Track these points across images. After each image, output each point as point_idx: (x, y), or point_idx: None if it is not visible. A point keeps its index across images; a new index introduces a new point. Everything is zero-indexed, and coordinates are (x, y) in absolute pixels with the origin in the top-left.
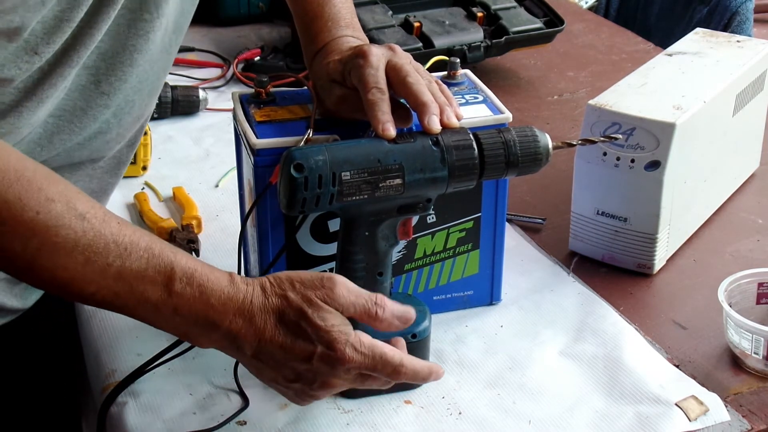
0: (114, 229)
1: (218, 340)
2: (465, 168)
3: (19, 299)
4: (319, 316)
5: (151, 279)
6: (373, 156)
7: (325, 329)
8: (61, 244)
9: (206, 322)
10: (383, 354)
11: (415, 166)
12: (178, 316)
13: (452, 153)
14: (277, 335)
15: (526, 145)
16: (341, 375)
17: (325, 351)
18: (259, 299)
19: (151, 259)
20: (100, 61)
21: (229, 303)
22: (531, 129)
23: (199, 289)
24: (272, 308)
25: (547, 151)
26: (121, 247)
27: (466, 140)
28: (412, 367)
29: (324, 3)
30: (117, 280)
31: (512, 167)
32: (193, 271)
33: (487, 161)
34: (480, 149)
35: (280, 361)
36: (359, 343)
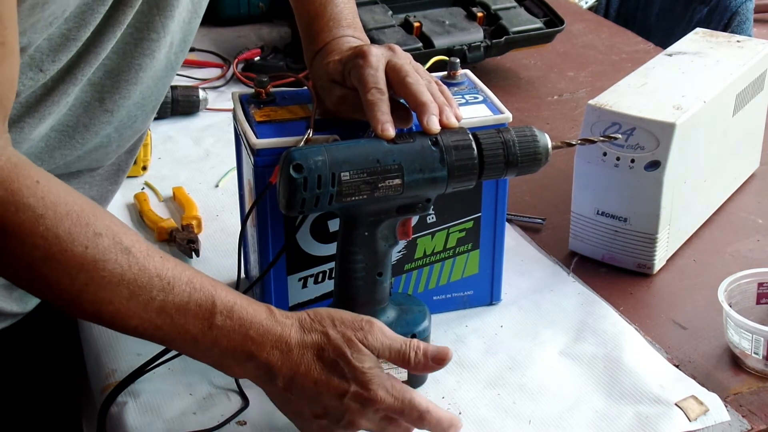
0: (158, 263)
1: (252, 371)
2: (464, 168)
3: (19, 303)
4: (357, 357)
5: (193, 313)
6: (373, 156)
7: (362, 370)
8: (107, 278)
9: (243, 354)
10: (412, 399)
11: (414, 166)
12: (217, 348)
13: (451, 153)
14: (313, 370)
15: (526, 145)
16: (369, 416)
17: (359, 390)
18: (298, 334)
19: (192, 293)
20: (106, 78)
21: (267, 335)
22: (530, 129)
23: (239, 322)
24: (311, 344)
25: (546, 151)
26: (164, 281)
27: (466, 140)
28: (437, 415)
29: (326, 2)
30: (159, 313)
31: (512, 167)
32: (233, 305)
33: (486, 161)
34: (479, 149)
35: (312, 396)
36: (391, 387)
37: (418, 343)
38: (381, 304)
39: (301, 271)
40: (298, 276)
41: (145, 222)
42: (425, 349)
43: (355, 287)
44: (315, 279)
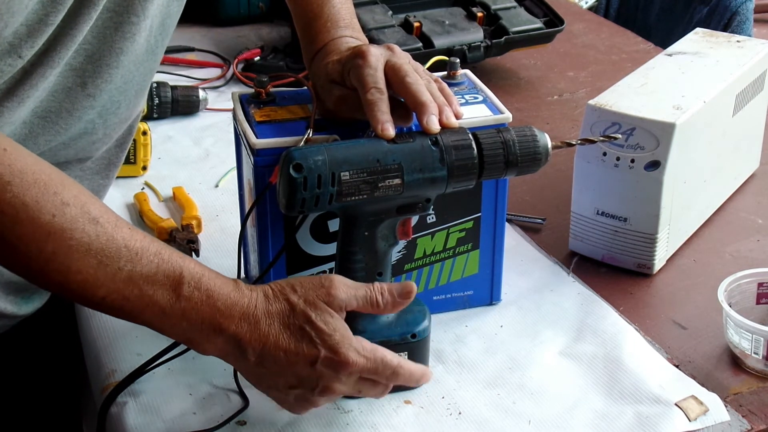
0: (126, 234)
1: (222, 346)
2: (464, 168)
3: (14, 305)
4: (322, 319)
5: (161, 283)
6: (372, 156)
7: (329, 333)
8: (75, 247)
9: (212, 327)
10: (384, 357)
11: (414, 166)
12: (185, 321)
13: (451, 153)
14: (281, 340)
15: (526, 144)
16: (343, 380)
17: (329, 355)
18: (263, 304)
19: (161, 264)
20: (87, 63)
21: (234, 307)
22: (530, 129)
23: (206, 293)
24: (276, 313)
25: (546, 151)
26: (132, 251)
27: (465, 140)
28: (408, 368)
29: (323, 3)
30: (127, 284)
31: (511, 167)
32: (200, 276)
33: (486, 161)
34: (479, 149)
35: (283, 366)
36: (362, 348)
37: (381, 285)
38: None
39: (301, 271)
40: (298, 276)
41: (145, 222)
42: (390, 289)
43: None
44: None
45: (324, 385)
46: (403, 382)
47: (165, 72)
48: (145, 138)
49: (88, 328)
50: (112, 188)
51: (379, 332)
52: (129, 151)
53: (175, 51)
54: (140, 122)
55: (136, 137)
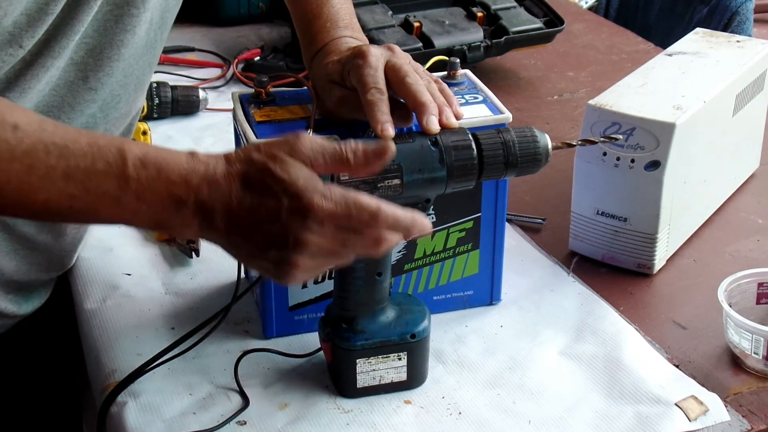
0: (50, 133)
1: (190, 219)
2: (464, 168)
3: (15, 304)
4: (283, 169)
5: (103, 171)
6: None
7: (290, 181)
8: None
9: (172, 201)
10: (357, 200)
11: (413, 166)
12: (143, 204)
13: (451, 153)
14: (244, 199)
15: (526, 145)
16: (314, 228)
17: (292, 203)
18: (223, 167)
19: (97, 152)
20: (88, 57)
21: (191, 175)
22: (530, 129)
23: (156, 168)
24: (237, 173)
25: (546, 152)
26: (61, 146)
27: (465, 140)
28: (393, 212)
29: (323, 3)
30: (66, 180)
31: (511, 167)
32: (145, 153)
33: (486, 161)
34: (479, 149)
35: (251, 227)
36: (329, 192)
37: (355, 143)
38: (380, 304)
39: None
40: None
41: None
42: (363, 148)
43: (354, 287)
44: (315, 279)
45: (294, 237)
46: (389, 228)
47: (165, 72)
48: (145, 138)
49: (88, 328)
50: None
51: (378, 332)
52: None
53: (175, 51)
54: (140, 122)
55: (135, 137)
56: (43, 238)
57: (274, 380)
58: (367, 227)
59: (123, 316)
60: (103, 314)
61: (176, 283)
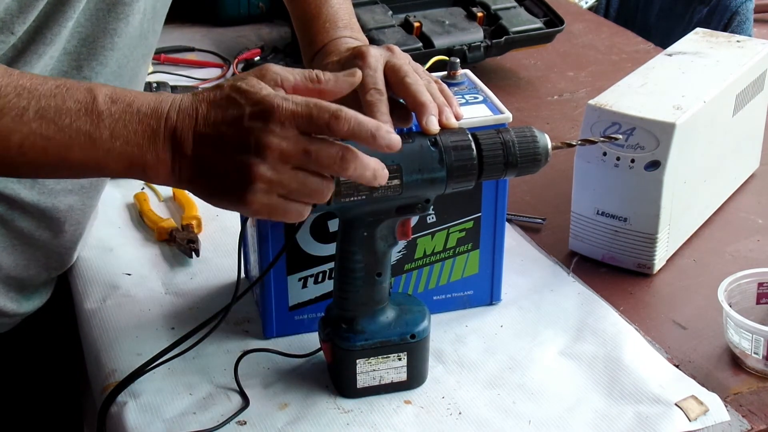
0: (17, 77)
1: (163, 153)
2: (463, 168)
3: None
4: (249, 84)
5: (74, 110)
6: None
7: (255, 91)
8: None
9: (145, 134)
10: (318, 102)
11: (413, 166)
12: (118, 140)
13: (450, 153)
14: (210, 115)
15: (525, 145)
16: (276, 131)
17: (255, 108)
18: (190, 96)
19: (66, 91)
20: (81, 46)
21: (160, 107)
22: (530, 129)
23: (126, 103)
24: (204, 97)
25: (546, 152)
26: (30, 88)
27: (465, 141)
28: (354, 114)
29: (322, 3)
30: (40, 121)
31: (511, 168)
32: (113, 90)
33: (485, 161)
34: (479, 149)
35: (216, 140)
36: (291, 96)
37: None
38: (380, 304)
39: (301, 271)
40: (298, 276)
41: (145, 222)
42: (332, 73)
43: (354, 287)
44: (315, 279)
45: (256, 141)
46: (352, 129)
47: (165, 72)
48: None
49: (89, 327)
50: (113, 188)
51: (378, 333)
52: None
53: (175, 51)
54: None
55: None
56: (41, 234)
57: (274, 380)
58: (329, 129)
59: (123, 316)
60: (103, 314)
61: (176, 283)
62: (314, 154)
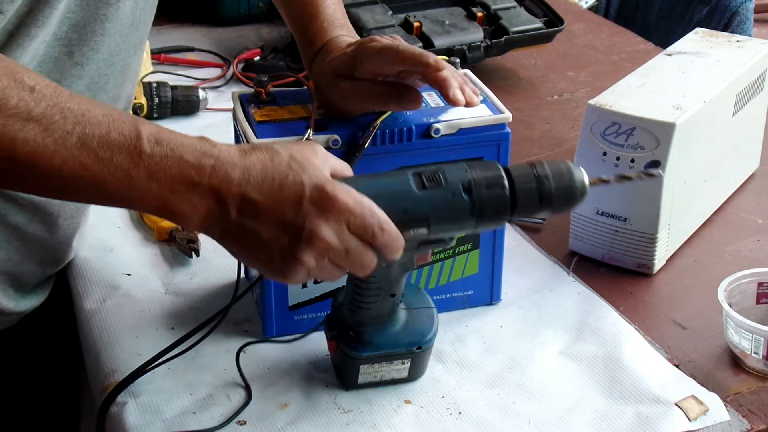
0: (67, 98)
1: (200, 205)
2: (495, 209)
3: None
4: (306, 156)
5: (117, 143)
6: (400, 205)
7: (317, 166)
8: (15, 115)
9: (183, 182)
10: (371, 206)
11: (442, 217)
12: (154, 181)
13: (483, 202)
14: (266, 180)
15: (560, 180)
16: (331, 223)
17: (316, 191)
18: (238, 150)
19: (112, 123)
20: (72, 32)
21: (205, 156)
22: (565, 163)
23: (169, 147)
24: (257, 156)
25: (583, 187)
26: (78, 113)
27: (502, 196)
28: (391, 231)
29: (318, 5)
30: (81, 148)
31: (546, 204)
32: (159, 131)
33: (519, 198)
34: (513, 194)
35: (266, 210)
36: (348, 189)
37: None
38: (390, 316)
39: None
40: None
41: (145, 222)
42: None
43: (366, 304)
44: (315, 279)
45: (310, 228)
46: (385, 243)
47: (165, 72)
48: None
49: (88, 327)
50: None
51: (386, 344)
52: None
53: (175, 51)
54: None
55: None
56: (35, 228)
57: (274, 380)
58: (372, 237)
59: (123, 316)
60: (103, 314)
61: (176, 283)
62: (351, 256)
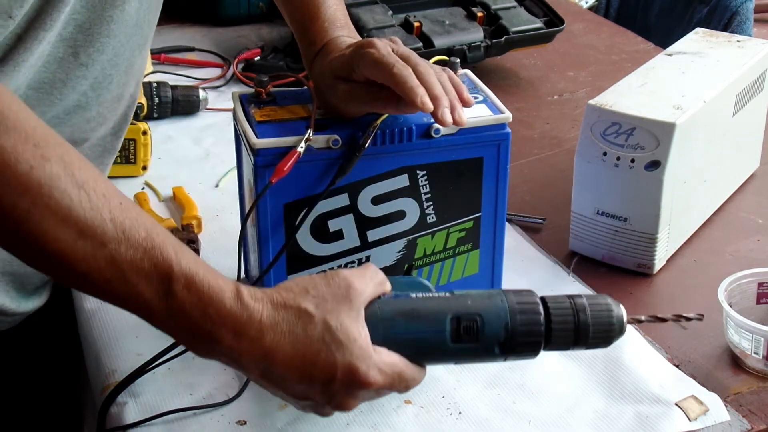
0: (114, 206)
1: (220, 357)
2: (526, 355)
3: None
4: (342, 330)
5: (147, 273)
6: (432, 354)
7: (348, 346)
8: (53, 208)
9: (203, 335)
10: (401, 372)
11: (471, 360)
12: (173, 321)
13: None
14: (294, 357)
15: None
16: (360, 397)
17: (348, 376)
18: (270, 315)
19: (150, 249)
20: (77, 33)
21: (230, 318)
22: (604, 298)
23: (198, 296)
24: (287, 327)
25: (621, 324)
26: (119, 228)
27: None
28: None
29: (319, 5)
30: (110, 264)
31: (582, 340)
32: (194, 274)
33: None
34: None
35: (294, 383)
36: (381, 362)
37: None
38: None
39: (301, 271)
40: (298, 276)
41: None
42: None
43: None
44: None
45: (338, 402)
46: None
47: (165, 72)
48: (145, 138)
49: (89, 327)
50: None
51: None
52: (129, 150)
53: (175, 51)
54: (140, 122)
55: (136, 137)
56: None
57: None
58: (397, 392)
59: (123, 316)
60: (103, 314)
61: None
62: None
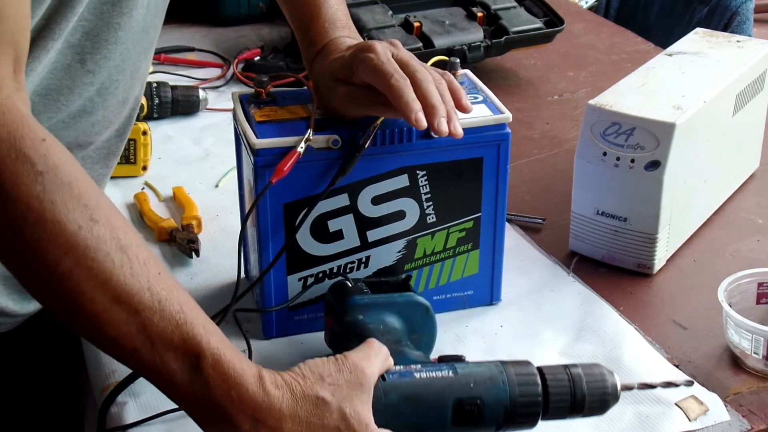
0: (153, 275)
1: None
2: (524, 427)
3: (17, 304)
4: (356, 418)
5: (176, 346)
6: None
7: (367, 422)
8: (95, 271)
9: (221, 416)
10: None
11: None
12: (194, 397)
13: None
14: None
15: (594, 383)
16: None
17: None
18: (289, 404)
19: (182, 324)
20: (85, 40)
21: (250, 404)
22: (599, 367)
23: (222, 376)
24: (306, 417)
25: (615, 392)
26: (155, 298)
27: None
28: None
29: (321, 5)
30: (140, 333)
31: (578, 409)
32: (221, 354)
33: (551, 405)
34: (546, 406)
35: None
36: None
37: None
38: None
39: (301, 271)
40: (298, 276)
41: (145, 222)
42: None
43: None
44: (315, 279)
45: None
46: None
47: (165, 72)
48: (145, 138)
49: None
50: (113, 188)
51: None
52: (129, 150)
53: (175, 51)
54: (140, 122)
55: (136, 137)
56: None
57: None
58: None
59: None
60: None
61: None
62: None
